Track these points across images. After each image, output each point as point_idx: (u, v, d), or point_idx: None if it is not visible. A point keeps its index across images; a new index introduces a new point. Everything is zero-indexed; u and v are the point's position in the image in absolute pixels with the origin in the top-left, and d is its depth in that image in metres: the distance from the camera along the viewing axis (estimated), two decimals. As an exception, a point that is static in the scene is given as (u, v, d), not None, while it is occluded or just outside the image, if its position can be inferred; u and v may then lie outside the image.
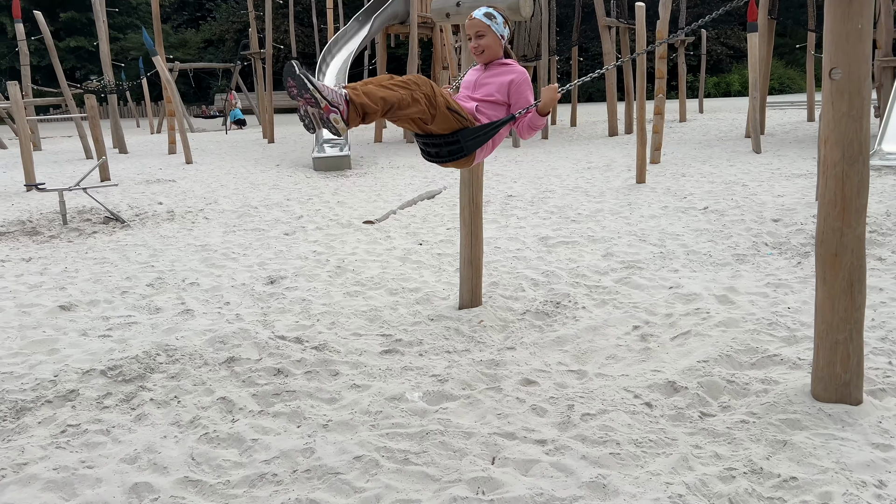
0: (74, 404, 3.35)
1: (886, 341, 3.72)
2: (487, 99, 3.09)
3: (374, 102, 2.64)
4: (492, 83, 3.13)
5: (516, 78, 3.13)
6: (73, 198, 9.21)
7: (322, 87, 2.56)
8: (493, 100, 3.09)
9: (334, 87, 2.60)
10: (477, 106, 3.06)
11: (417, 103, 2.75)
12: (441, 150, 3.01)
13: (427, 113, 2.80)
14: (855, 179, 2.82)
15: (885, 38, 11.84)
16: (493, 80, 3.14)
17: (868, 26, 2.74)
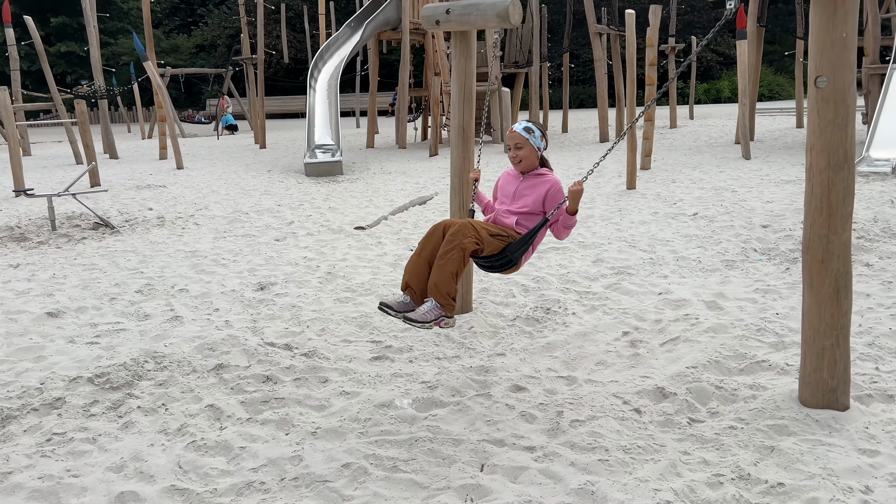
0: (61, 412, 3.33)
1: (873, 347, 3.75)
2: (524, 211, 3.43)
3: (452, 285, 3.09)
4: (529, 195, 3.44)
5: (551, 189, 3.43)
6: (62, 203, 9.17)
7: (423, 317, 3.06)
8: (530, 211, 3.43)
9: (428, 308, 3.08)
10: (517, 220, 3.41)
11: (467, 254, 3.14)
12: (494, 265, 3.36)
13: (479, 250, 3.21)
14: (840, 186, 2.84)
15: (872, 45, 11.94)
16: (531, 192, 3.44)
17: (853, 35, 2.76)
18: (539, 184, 3.44)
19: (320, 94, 14.38)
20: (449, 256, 3.07)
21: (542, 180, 3.46)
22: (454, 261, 3.07)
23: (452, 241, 3.09)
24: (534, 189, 3.43)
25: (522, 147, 3.43)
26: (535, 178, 3.47)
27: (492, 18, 3.90)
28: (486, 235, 3.19)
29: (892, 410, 3.07)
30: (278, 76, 37.59)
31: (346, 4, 36.47)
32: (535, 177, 3.47)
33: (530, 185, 3.45)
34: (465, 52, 4.29)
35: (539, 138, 3.47)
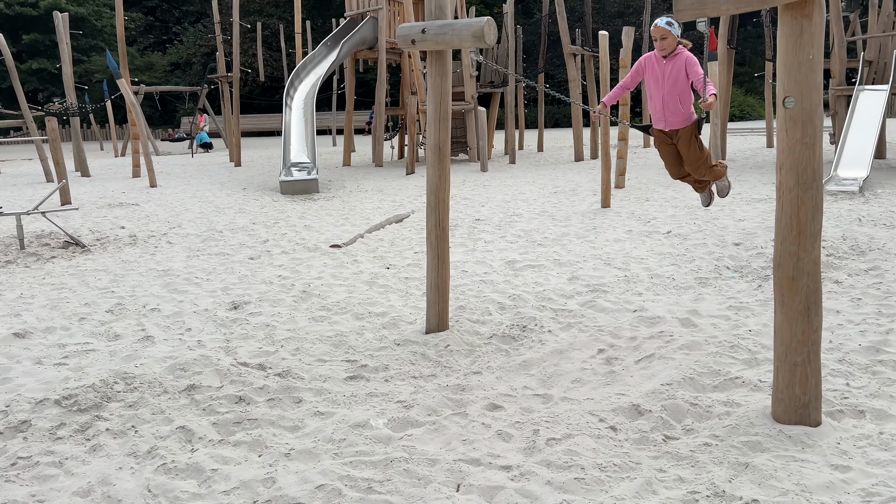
0: (26, 435, 3.24)
1: (844, 363, 3.80)
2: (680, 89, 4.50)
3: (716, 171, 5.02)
4: (674, 70, 4.48)
5: (687, 60, 4.46)
6: (31, 222, 9.01)
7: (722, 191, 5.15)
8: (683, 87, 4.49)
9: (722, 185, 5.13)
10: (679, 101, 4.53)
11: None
12: None
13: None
14: (809, 205, 2.89)
15: (838, 67, 12.24)
16: (675, 66, 4.48)
17: (819, 57, 2.82)
18: (677, 60, 4.48)
19: (296, 113, 14.36)
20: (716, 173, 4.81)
21: (677, 57, 4.48)
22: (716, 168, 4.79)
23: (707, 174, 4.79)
24: (675, 64, 4.47)
25: (666, 37, 4.42)
26: (673, 58, 4.49)
27: (467, 38, 3.93)
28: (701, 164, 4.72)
29: (863, 426, 3.11)
30: (254, 94, 37.51)
31: (323, 23, 36.63)
32: (672, 57, 4.49)
33: (671, 63, 4.48)
34: (440, 71, 4.32)
35: (678, 27, 4.43)
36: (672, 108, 4.54)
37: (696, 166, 4.71)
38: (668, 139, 4.72)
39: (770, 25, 17.45)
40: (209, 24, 39.06)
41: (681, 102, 4.50)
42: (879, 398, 3.36)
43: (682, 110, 4.54)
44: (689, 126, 4.59)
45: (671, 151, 4.76)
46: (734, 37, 14.80)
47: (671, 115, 4.59)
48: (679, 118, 4.59)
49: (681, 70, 4.45)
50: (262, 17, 37.70)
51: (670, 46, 4.47)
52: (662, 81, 4.51)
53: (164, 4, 50.69)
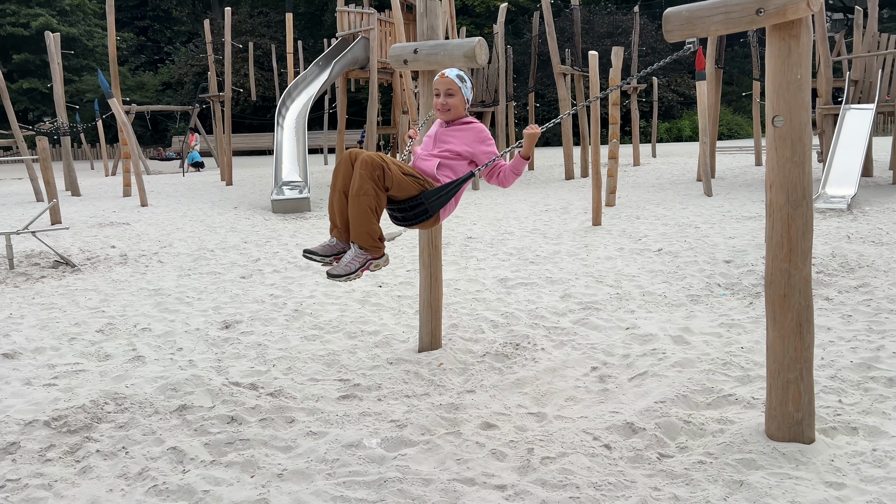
0: (15, 457, 3.20)
1: (836, 380, 3.81)
2: (446, 154, 3.17)
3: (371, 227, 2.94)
4: (453, 138, 3.23)
5: (476, 133, 3.24)
6: (21, 241, 8.96)
7: (346, 269, 2.95)
8: (454, 154, 3.17)
9: (351, 256, 2.96)
10: (439, 163, 3.14)
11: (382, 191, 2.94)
12: (407, 215, 3.10)
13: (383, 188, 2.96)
14: (800, 222, 2.92)
15: (825, 86, 12.40)
16: (455, 137, 3.23)
17: (807, 76, 2.87)
18: (465, 130, 3.22)
19: (288, 132, 14.38)
20: (361, 192, 2.86)
21: (468, 126, 3.24)
22: (369, 196, 2.86)
23: (362, 174, 2.86)
24: (459, 133, 3.20)
25: (454, 95, 3.21)
26: (461, 125, 3.24)
27: (459, 58, 3.96)
28: (397, 172, 2.93)
29: (857, 443, 3.11)
30: (245, 114, 37.58)
31: (314, 43, 36.83)
32: (460, 124, 3.25)
33: (455, 130, 3.21)
34: (432, 91, 4.34)
35: (469, 89, 3.28)
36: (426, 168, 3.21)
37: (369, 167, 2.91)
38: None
39: (757, 45, 17.68)
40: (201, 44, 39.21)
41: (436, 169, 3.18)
42: (872, 415, 3.37)
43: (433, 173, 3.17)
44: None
45: None
46: (721, 56, 14.99)
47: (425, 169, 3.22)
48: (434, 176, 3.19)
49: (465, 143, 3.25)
50: (253, 38, 37.86)
51: (456, 110, 3.28)
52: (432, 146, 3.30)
53: (156, 24, 50.87)
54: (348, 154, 2.98)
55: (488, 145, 3.22)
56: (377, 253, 2.95)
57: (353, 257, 2.92)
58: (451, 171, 3.15)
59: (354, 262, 2.92)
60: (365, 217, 2.88)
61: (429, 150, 3.26)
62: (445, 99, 3.23)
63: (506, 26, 18.46)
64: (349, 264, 2.91)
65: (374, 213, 2.90)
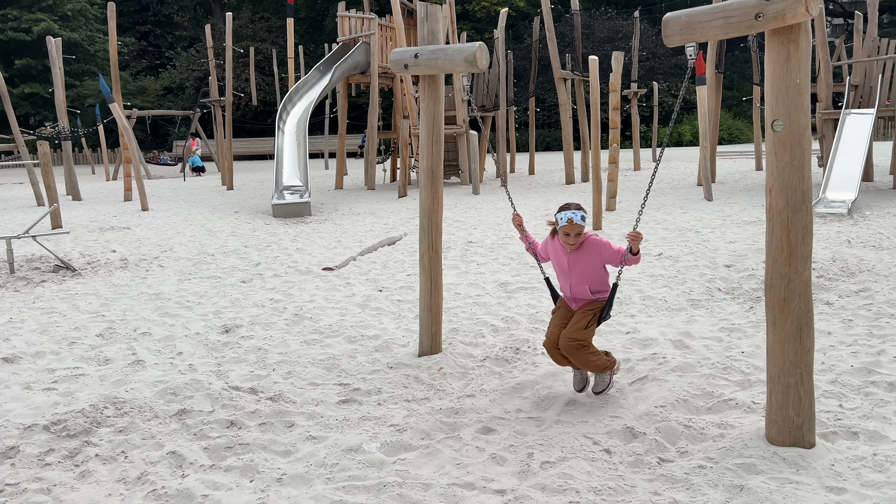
0: (14, 462, 3.19)
1: (836, 384, 3.80)
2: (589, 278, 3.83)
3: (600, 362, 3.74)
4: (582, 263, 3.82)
5: (599, 247, 3.81)
6: (21, 246, 8.96)
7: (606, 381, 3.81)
8: (592, 275, 3.84)
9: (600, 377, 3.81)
10: (589, 288, 3.83)
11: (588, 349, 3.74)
12: None
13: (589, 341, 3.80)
14: (799, 227, 2.92)
15: (825, 91, 12.41)
16: (583, 259, 3.81)
17: (806, 81, 2.87)
18: (585, 249, 3.81)
19: (289, 136, 14.41)
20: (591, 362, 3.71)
21: (584, 245, 3.81)
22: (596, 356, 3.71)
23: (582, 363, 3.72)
24: (584, 255, 3.81)
25: (580, 234, 3.78)
26: (580, 246, 3.82)
27: (459, 63, 3.97)
28: (584, 335, 3.71)
29: (857, 447, 3.11)
30: (246, 118, 37.65)
31: (315, 48, 36.93)
32: (579, 245, 3.83)
33: (578, 254, 3.82)
34: (433, 95, 4.35)
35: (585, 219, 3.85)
36: (581, 295, 3.85)
37: (569, 339, 3.69)
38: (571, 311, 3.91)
39: (757, 50, 17.70)
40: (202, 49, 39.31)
41: (591, 291, 3.82)
42: (872, 419, 3.37)
43: (591, 297, 3.84)
44: (596, 302, 3.83)
45: (565, 316, 3.89)
46: (722, 61, 15.01)
47: (580, 299, 3.88)
48: (589, 299, 3.86)
49: (594, 254, 3.79)
50: (254, 43, 37.97)
51: (578, 241, 3.77)
52: (569, 271, 3.83)
53: (158, 29, 51.02)
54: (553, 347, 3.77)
55: (609, 247, 3.81)
56: (613, 367, 3.80)
57: (601, 377, 3.80)
58: (599, 286, 3.85)
59: (605, 378, 3.80)
60: (593, 364, 3.72)
61: (569, 278, 3.85)
62: (577, 238, 3.79)
63: (506, 31, 18.50)
64: (603, 380, 3.81)
65: (597, 358, 3.72)
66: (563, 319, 3.83)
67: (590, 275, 3.81)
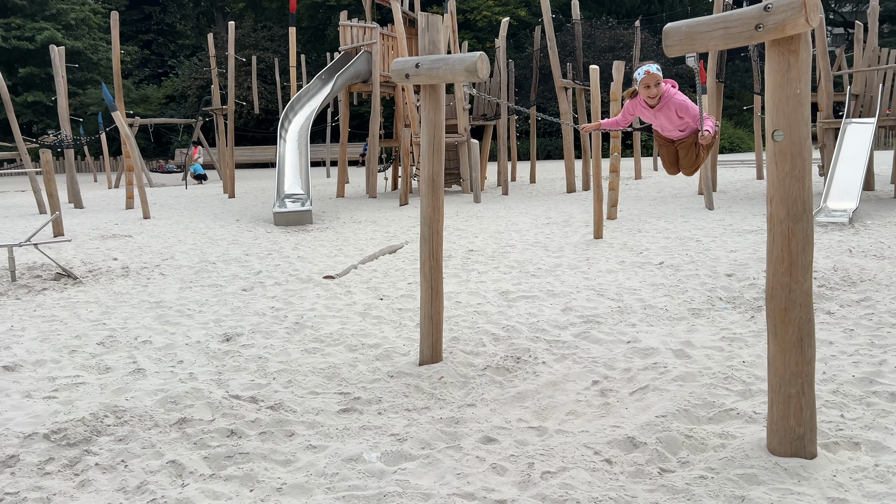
0: (14, 470, 3.19)
1: (838, 394, 3.79)
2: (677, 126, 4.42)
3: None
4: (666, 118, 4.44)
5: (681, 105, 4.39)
6: (23, 254, 8.98)
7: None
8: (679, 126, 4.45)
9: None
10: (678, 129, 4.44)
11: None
12: None
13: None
14: (800, 236, 2.92)
15: (825, 101, 12.44)
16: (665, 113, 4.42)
17: (806, 91, 2.88)
18: (666, 107, 4.32)
19: (290, 145, 14.45)
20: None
21: (666, 102, 4.32)
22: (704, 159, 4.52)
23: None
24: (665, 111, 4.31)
25: (659, 83, 4.22)
26: (661, 103, 4.31)
27: (461, 72, 3.98)
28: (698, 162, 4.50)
29: (859, 458, 3.10)
30: (248, 126, 37.76)
31: (317, 57, 37.07)
32: (661, 105, 4.32)
33: (660, 110, 4.32)
34: (434, 105, 4.37)
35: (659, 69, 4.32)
36: (673, 134, 4.61)
37: (691, 169, 4.71)
38: (670, 143, 4.73)
39: (758, 59, 17.76)
40: (205, 58, 39.48)
41: (680, 130, 4.52)
42: (874, 430, 3.36)
43: (682, 134, 4.57)
44: (690, 136, 4.56)
45: (671, 152, 4.75)
46: (723, 70, 15.05)
47: (672, 137, 4.67)
48: (681, 136, 4.63)
49: (672, 114, 4.43)
50: (257, 51, 38.12)
51: (659, 92, 4.38)
52: (657, 123, 4.54)
53: (160, 38, 51.26)
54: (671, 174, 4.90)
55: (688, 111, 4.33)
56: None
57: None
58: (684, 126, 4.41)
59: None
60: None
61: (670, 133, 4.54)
62: (655, 90, 4.25)
63: (508, 40, 18.57)
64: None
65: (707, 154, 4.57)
66: (671, 155, 4.56)
67: (675, 122, 4.35)
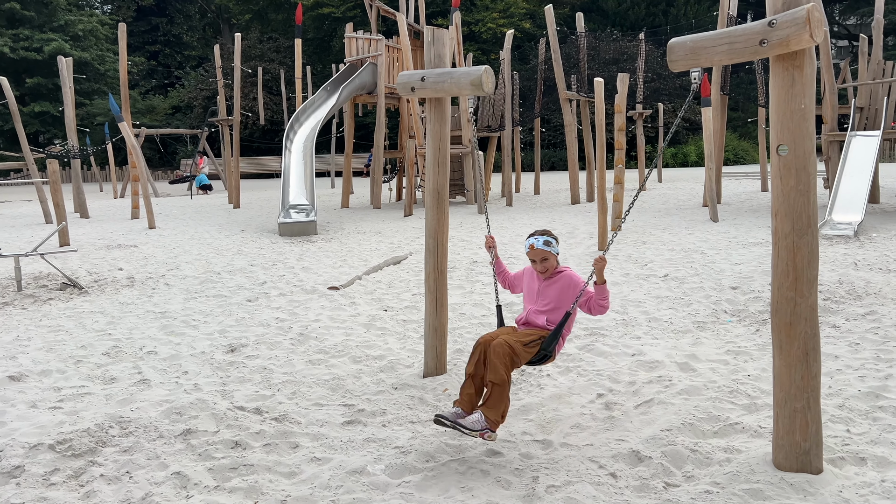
0: (19, 481, 3.19)
1: (844, 409, 3.78)
2: (550, 308, 3.66)
3: (503, 406, 3.33)
4: (550, 292, 3.69)
5: (569, 282, 3.67)
6: (29, 263, 9.02)
7: (472, 425, 3.27)
8: (555, 306, 3.66)
9: (477, 418, 3.29)
10: (546, 318, 3.65)
11: (511, 371, 3.39)
12: (532, 362, 3.59)
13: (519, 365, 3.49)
14: (805, 251, 2.92)
15: (830, 113, 12.45)
16: (552, 289, 3.69)
17: (811, 106, 2.89)
18: (557, 280, 3.71)
19: (296, 155, 14.50)
20: (497, 392, 3.33)
21: (559, 277, 3.72)
22: (503, 396, 3.34)
23: (495, 363, 3.34)
24: (554, 285, 3.70)
25: (547, 259, 3.67)
26: (554, 276, 3.72)
27: (466, 86, 4.01)
28: (521, 350, 3.46)
29: (865, 473, 3.08)
30: (254, 137, 37.92)
31: (323, 69, 37.24)
32: (554, 275, 3.73)
33: (550, 283, 3.72)
34: (439, 117, 4.39)
35: (556, 245, 3.71)
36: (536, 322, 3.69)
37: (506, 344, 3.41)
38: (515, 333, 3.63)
39: (762, 72, 17.79)
40: (210, 69, 39.69)
41: (547, 322, 3.64)
42: (880, 445, 3.34)
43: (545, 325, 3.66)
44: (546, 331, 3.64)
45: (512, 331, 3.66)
46: (727, 83, 15.07)
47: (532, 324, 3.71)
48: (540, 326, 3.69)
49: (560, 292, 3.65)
50: (263, 63, 38.33)
51: (551, 268, 3.68)
52: (536, 298, 3.74)
53: (167, 49, 51.61)
54: (482, 346, 3.45)
55: (578, 285, 3.64)
56: (494, 428, 3.34)
57: (477, 421, 3.30)
58: (556, 319, 3.63)
59: (477, 425, 3.29)
60: (498, 411, 3.33)
61: (534, 304, 3.73)
62: (542, 265, 3.67)
63: (512, 52, 18.62)
64: (474, 423, 3.29)
65: (504, 410, 3.37)
66: (509, 332, 3.60)
67: (552, 307, 3.65)
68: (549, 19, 16.84)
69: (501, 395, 3.34)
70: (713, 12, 35.52)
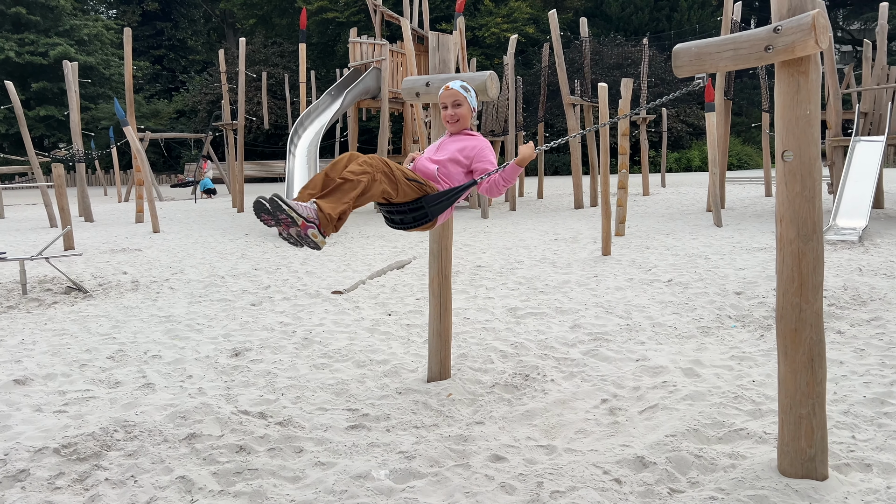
0: (24, 485, 3.20)
1: (849, 415, 3.77)
2: (446, 158, 3.18)
3: (342, 204, 2.77)
4: (454, 146, 3.27)
5: (479, 143, 3.26)
6: (34, 267, 9.04)
7: (296, 205, 2.69)
8: (455, 159, 3.18)
9: (307, 204, 2.72)
10: (438, 168, 3.17)
11: (379, 184, 2.85)
12: (406, 217, 3.11)
13: (389, 190, 2.91)
14: (810, 257, 2.92)
15: (834, 118, 12.44)
16: (457, 143, 3.28)
17: (816, 111, 2.89)
18: (465, 138, 3.27)
19: (300, 159, 14.54)
20: (353, 179, 2.75)
21: (470, 137, 3.30)
22: (356, 187, 2.75)
23: (364, 169, 2.79)
24: (460, 142, 3.25)
25: (461, 104, 3.27)
26: (464, 135, 3.31)
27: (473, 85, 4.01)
28: (400, 176, 2.92)
29: (871, 480, 3.07)
30: (258, 141, 38.02)
31: (327, 73, 37.35)
32: (464, 134, 3.31)
33: (457, 139, 3.27)
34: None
35: (475, 98, 3.32)
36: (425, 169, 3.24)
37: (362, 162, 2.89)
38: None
39: (766, 77, 17.79)
40: (215, 73, 39.84)
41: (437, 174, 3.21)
42: (886, 451, 3.33)
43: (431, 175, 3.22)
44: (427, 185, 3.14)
45: None
46: (731, 88, 15.08)
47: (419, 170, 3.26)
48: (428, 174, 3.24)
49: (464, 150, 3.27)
50: (267, 67, 38.45)
51: (464, 120, 3.32)
52: (436, 150, 3.36)
53: (172, 54, 51.82)
54: (351, 153, 2.96)
55: (488, 156, 3.24)
56: (326, 230, 2.78)
57: (307, 208, 2.72)
58: (449, 179, 3.19)
59: (305, 211, 2.71)
60: (342, 198, 2.76)
61: (431, 155, 3.30)
62: (454, 110, 3.27)
63: (516, 57, 18.67)
64: (302, 209, 2.71)
65: (348, 204, 2.80)
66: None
67: (448, 158, 3.17)
68: (553, 24, 16.88)
69: (347, 193, 2.74)
70: (717, 17, 35.58)
